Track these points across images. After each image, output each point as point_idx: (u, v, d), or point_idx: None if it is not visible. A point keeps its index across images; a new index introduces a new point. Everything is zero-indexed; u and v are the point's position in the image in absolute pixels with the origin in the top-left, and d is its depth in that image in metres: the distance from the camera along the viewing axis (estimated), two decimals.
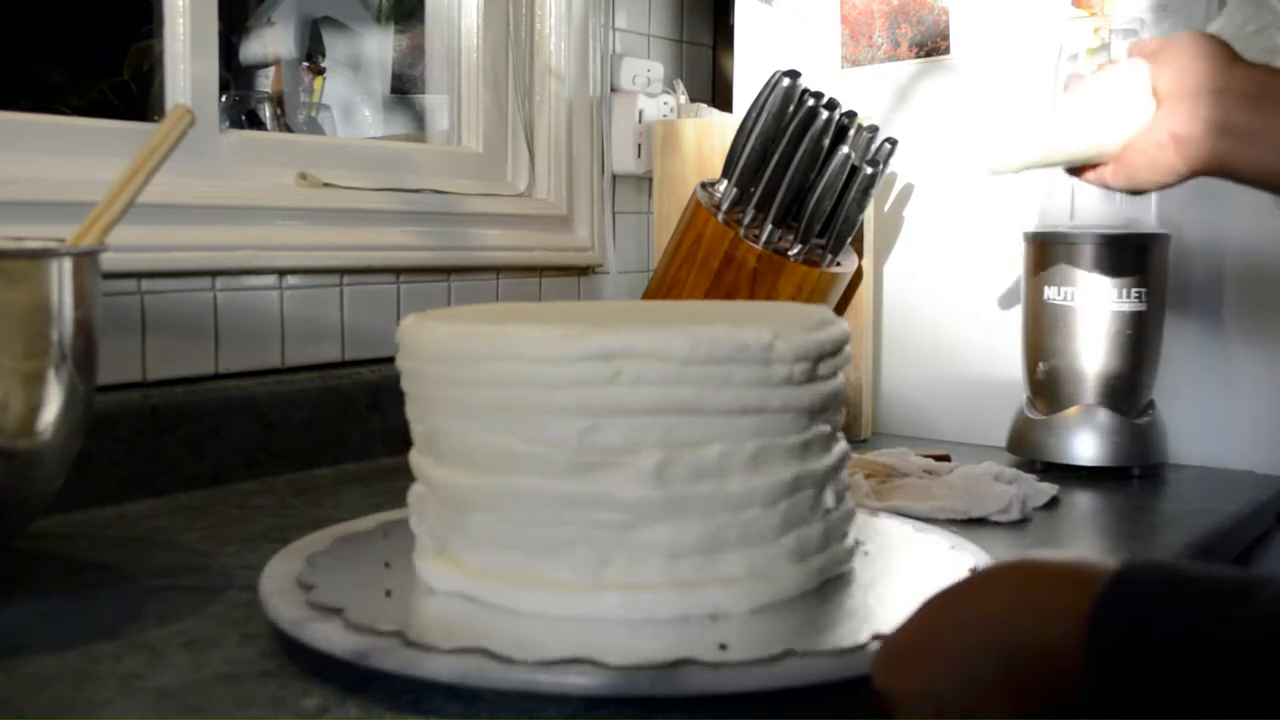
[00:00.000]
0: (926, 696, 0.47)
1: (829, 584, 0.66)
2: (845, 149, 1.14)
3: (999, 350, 1.22)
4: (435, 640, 0.55)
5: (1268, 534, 1.06)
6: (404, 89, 1.91)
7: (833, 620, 0.61)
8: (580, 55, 1.41)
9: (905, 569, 0.70)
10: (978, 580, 0.50)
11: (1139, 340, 1.08)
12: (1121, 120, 0.77)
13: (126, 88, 1.85)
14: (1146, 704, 0.40)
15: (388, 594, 0.64)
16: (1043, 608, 0.45)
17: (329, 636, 0.57)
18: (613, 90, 1.45)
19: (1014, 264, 1.17)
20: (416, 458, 0.68)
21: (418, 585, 0.66)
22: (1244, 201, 1.11)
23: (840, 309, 1.25)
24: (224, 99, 1.72)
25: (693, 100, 1.53)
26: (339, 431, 1.10)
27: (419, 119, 1.79)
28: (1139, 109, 0.76)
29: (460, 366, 0.63)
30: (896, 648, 0.50)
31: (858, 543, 0.72)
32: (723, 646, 0.55)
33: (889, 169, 1.22)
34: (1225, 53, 0.74)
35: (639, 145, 1.45)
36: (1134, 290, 1.07)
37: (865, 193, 1.16)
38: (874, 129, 1.19)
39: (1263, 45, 0.75)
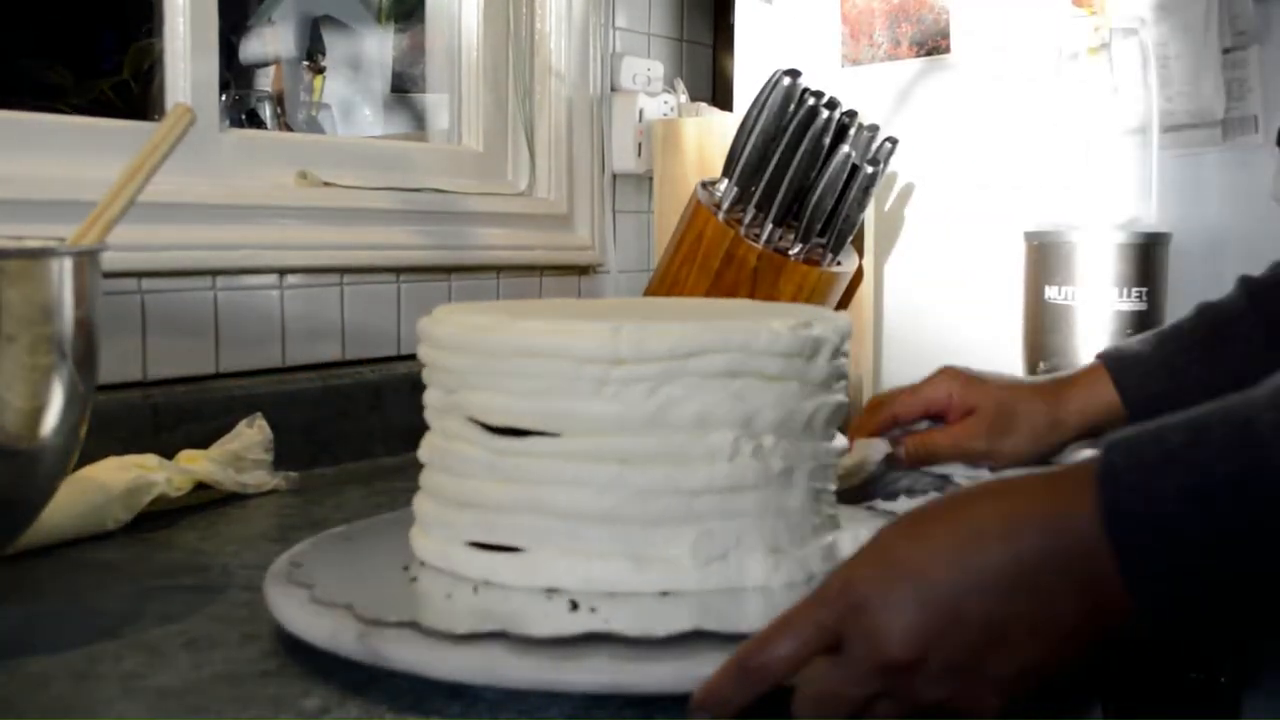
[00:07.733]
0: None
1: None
2: (846, 148, 1.14)
3: (999, 350, 1.22)
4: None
5: None
6: (404, 88, 1.91)
7: None
8: (580, 54, 1.41)
9: None
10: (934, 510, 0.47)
11: None
12: None
13: (127, 87, 1.86)
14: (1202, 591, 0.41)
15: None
16: (1038, 518, 0.44)
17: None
18: (613, 89, 1.45)
19: (1014, 264, 1.17)
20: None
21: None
22: (1244, 201, 1.11)
23: (840, 308, 1.25)
24: (224, 98, 1.72)
25: (693, 99, 1.53)
26: (339, 431, 1.10)
27: (419, 118, 1.79)
28: None
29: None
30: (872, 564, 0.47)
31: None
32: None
33: (889, 168, 1.22)
34: None
35: (639, 144, 1.45)
36: (1134, 290, 1.07)
37: (866, 192, 1.16)
38: (874, 128, 1.19)
39: None
